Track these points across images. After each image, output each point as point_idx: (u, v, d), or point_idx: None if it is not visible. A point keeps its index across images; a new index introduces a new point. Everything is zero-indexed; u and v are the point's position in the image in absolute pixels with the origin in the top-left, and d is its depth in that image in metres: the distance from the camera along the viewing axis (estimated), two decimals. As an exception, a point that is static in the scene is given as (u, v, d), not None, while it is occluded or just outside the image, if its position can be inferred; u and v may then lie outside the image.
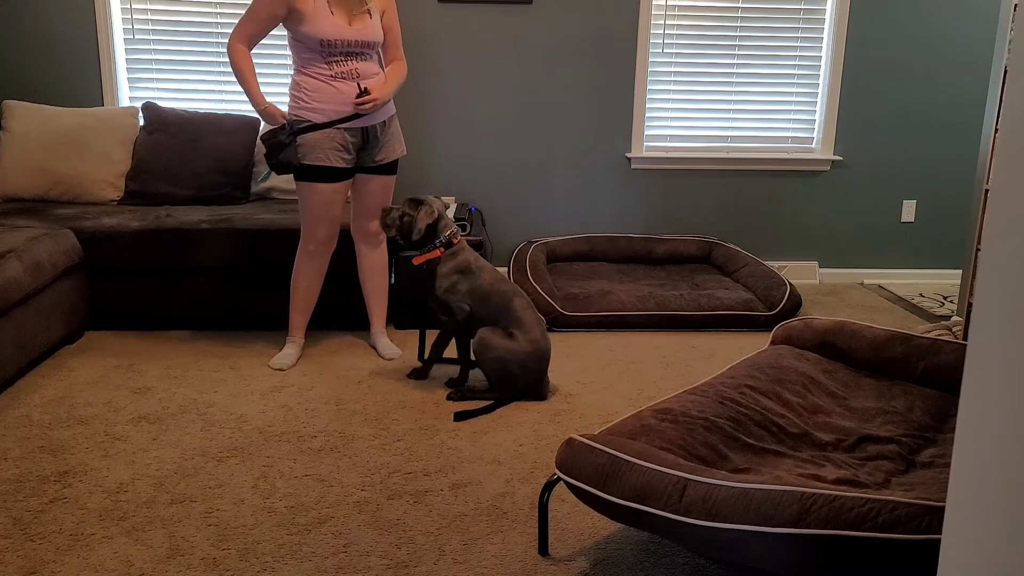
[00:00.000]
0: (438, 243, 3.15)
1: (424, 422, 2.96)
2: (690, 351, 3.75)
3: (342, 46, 3.17)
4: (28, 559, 2.13)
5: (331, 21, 3.13)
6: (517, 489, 2.52)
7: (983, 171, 3.69)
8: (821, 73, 4.81)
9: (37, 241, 3.36)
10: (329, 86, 3.19)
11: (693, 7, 4.66)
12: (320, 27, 3.11)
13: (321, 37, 3.12)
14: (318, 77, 3.18)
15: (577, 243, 4.72)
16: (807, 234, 4.97)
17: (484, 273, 3.16)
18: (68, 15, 4.38)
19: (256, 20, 3.17)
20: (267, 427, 2.90)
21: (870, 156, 4.89)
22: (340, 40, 3.15)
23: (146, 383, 3.25)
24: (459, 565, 2.14)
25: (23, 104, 4.21)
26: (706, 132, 4.85)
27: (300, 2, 3.09)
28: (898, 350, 2.71)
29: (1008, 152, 0.92)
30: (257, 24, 3.18)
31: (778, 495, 1.76)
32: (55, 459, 2.64)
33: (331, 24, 3.13)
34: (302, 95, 3.20)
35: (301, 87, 3.21)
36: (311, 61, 3.18)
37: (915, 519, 1.68)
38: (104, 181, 4.13)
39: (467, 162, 4.73)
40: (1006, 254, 0.92)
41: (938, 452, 2.25)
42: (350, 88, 3.20)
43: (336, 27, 3.14)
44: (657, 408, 2.29)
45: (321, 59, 3.17)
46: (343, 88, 3.20)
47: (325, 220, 3.34)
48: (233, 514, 2.36)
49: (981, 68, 4.75)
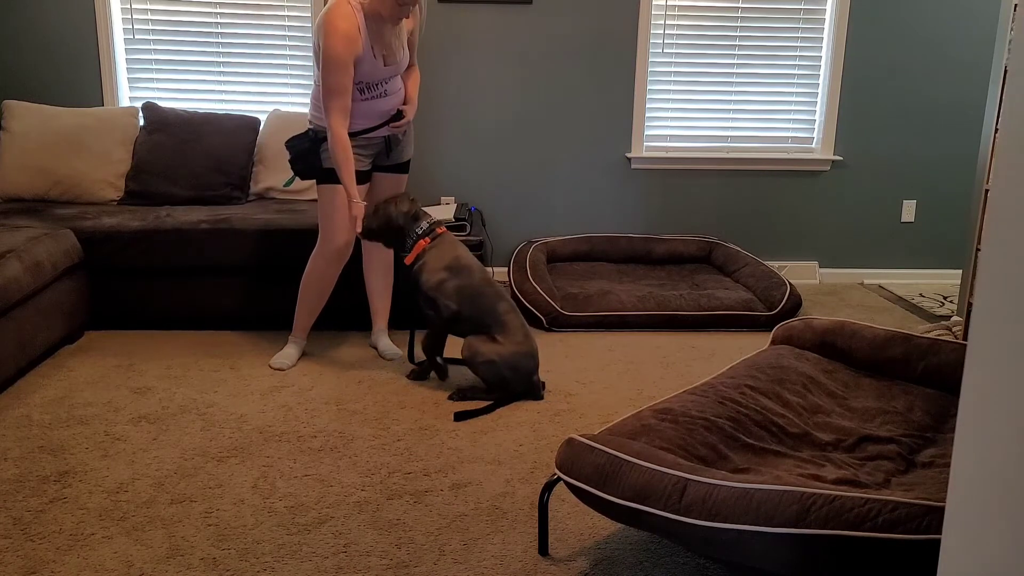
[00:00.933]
0: (420, 233, 3.17)
1: (424, 422, 2.96)
2: (690, 351, 3.75)
3: (377, 83, 3.21)
4: (28, 559, 2.13)
5: (373, 65, 3.15)
6: (517, 489, 2.52)
7: (983, 171, 3.69)
8: (821, 73, 4.81)
9: (37, 241, 3.36)
10: (357, 105, 3.19)
11: (693, 7, 4.66)
12: (362, 73, 3.14)
13: (361, 80, 3.15)
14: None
15: (577, 243, 4.72)
16: (807, 234, 4.97)
17: (474, 272, 3.16)
18: (68, 15, 4.38)
19: (344, 92, 3.08)
20: (267, 427, 2.90)
21: (870, 156, 4.89)
22: (376, 81, 3.19)
23: (146, 383, 3.25)
24: (459, 565, 2.14)
25: (23, 104, 4.21)
26: (706, 132, 4.85)
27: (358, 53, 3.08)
28: (898, 350, 2.71)
29: (1008, 152, 0.92)
30: (344, 91, 3.08)
31: (778, 495, 1.76)
32: (55, 459, 2.64)
33: (372, 68, 3.15)
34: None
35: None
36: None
37: (915, 519, 1.68)
38: (104, 181, 4.13)
39: (467, 162, 4.73)
40: (1006, 254, 0.92)
41: (938, 452, 2.25)
42: (378, 104, 3.23)
43: (376, 69, 3.16)
44: (657, 408, 2.29)
45: (355, 88, 3.17)
46: (374, 104, 3.23)
47: (345, 225, 3.32)
48: (233, 514, 2.36)
49: (981, 68, 4.75)
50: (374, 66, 3.15)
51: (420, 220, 3.22)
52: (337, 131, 3.10)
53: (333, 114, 3.09)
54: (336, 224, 3.32)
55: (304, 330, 3.53)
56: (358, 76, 3.14)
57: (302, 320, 3.50)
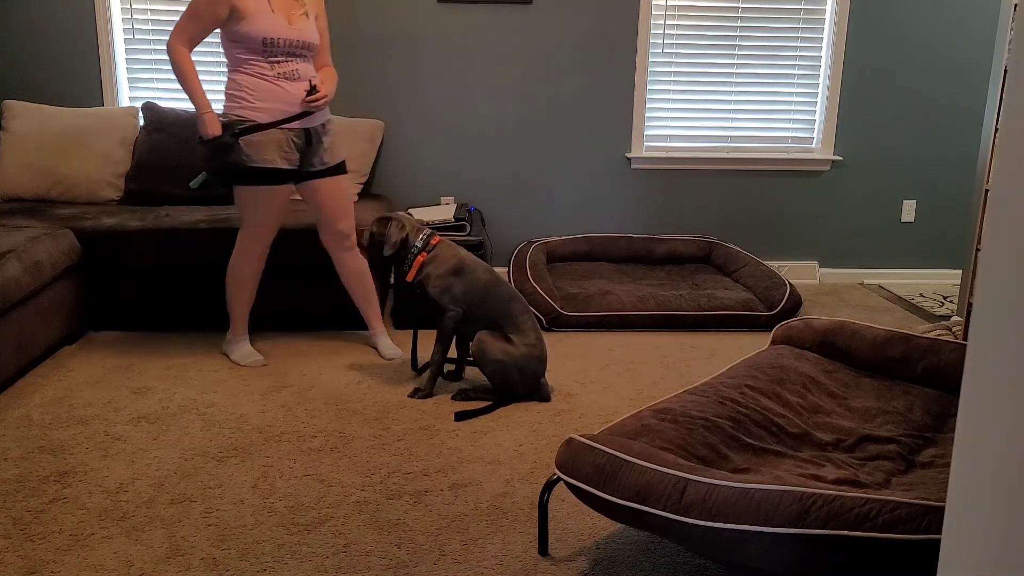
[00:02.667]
0: (416, 251, 3.14)
1: (424, 422, 2.96)
2: (690, 351, 3.75)
3: (284, 45, 3.15)
4: (28, 559, 2.13)
5: (273, 19, 3.11)
6: (517, 489, 2.52)
7: (983, 171, 3.69)
8: (821, 73, 4.81)
9: (37, 241, 3.36)
10: (274, 85, 3.16)
11: (693, 7, 4.66)
12: (263, 25, 3.09)
13: (264, 36, 3.09)
14: (261, 76, 3.14)
15: (577, 243, 4.72)
16: (807, 234, 4.97)
17: (479, 272, 3.14)
18: (68, 15, 4.38)
19: (198, 21, 3.08)
20: (267, 427, 2.90)
21: (870, 156, 4.89)
22: (283, 39, 3.13)
23: (146, 383, 3.25)
24: (459, 565, 2.14)
25: (23, 104, 4.21)
26: (706, 132, 4.85)
27: (242, 0, 3.05)
28: (898, 350, 2.71)
29: (1008, 152, 0.92)
30: (199, 25, 3.09)
31: (778, 495, 1.76)
32: (55, 459, 2.64)
33: (273, 22, 3.11)
34: (244, 94, 3.15)
35: (243, 86, 3.15)
36: (251, 61, 3.13)
37: (915, 519, 1.68)
38: (104, 181, 4.13)
39: (467, 162, 4.73)
40: (1006, 254, 0.92)
41: (938, 452, 2.25)
42: (293, 87, 3.19)
43: (278, 25, 3.12)
44: (657, 408, 2.28)
45: (263, 59, 3.13)
46: (287, 87, 3.18)
47: (271, 224, 3.32)
48: (233, 514, 2.36)
49: (981, 68, 4.75)
50: (274, 21, 3.10)
51: (413, 240, 3.16)
52: (175, 47, 3.09)
53: (179, 35, 3.09)
54: (262, 222, 3.30)
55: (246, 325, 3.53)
56: (258, 30, 3.08)
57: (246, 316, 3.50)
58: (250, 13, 3.07)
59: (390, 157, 4.69)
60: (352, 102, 4.57)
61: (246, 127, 3.13)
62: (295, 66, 3.20)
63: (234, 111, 3.16)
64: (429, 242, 3.15)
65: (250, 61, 3.13)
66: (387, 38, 4.54)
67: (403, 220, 3.17)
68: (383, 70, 4.58)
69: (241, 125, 3.13)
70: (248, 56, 3.13)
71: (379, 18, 4.51)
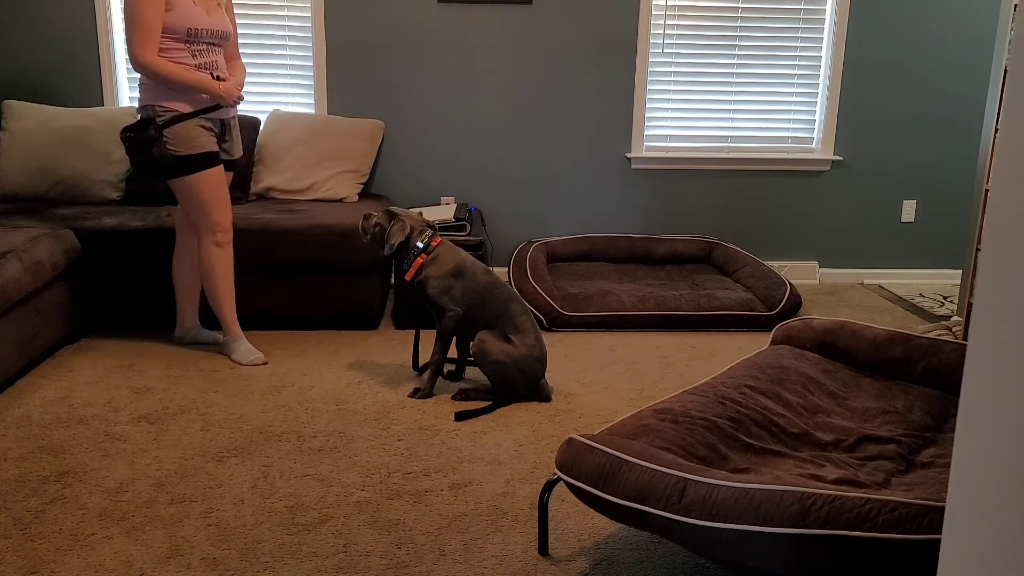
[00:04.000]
0: (416, 251, 3.14)
1: (424, 422, 2.96)
2: (690, 351, 3.75)
3: (205, 35, 3.17)
4: (28, 559, 2.13)
5: (196, 10, 3.14)
6: (517, 489, 2.52)
7: (983, 171, 3.69)
8: (821, 73, 4.81)
9: (37, 241, 3.36)
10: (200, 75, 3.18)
11: (693, 7, 4.66)
12: (188, 15, 3.11)
13: (190, 25, 3.11)
14: (184, 66, 3.15)
15: (577, 243, 4.72)
16: (807, 234, 4.97)
17: (478, 274, 3.15)
18: (68, 15, 4.38)
19: (151, 28, 3.06)
20: (267, 427, 2.90)
21: (870, 156, 4.89)
22: (205, 29, 3.16)
23: (146, 383, 3.25)
24: (459, 565, 2.14)
25: (23, 104, 4.21)
26: (706, 132, 4.85)
27: None
28: (898, 350, 2.71)
29: (1008, 152, 0.92)
30: (153, 29, 3.06)
31: (778, 495, 1.76)
32: (55, 459, 2.64)
33: (196, 12, 3.13)
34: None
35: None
36: (173, 50, 3.13)
37: (915, 519, 1.68)
38: (104, 181, 4.13)
39: (467, 162, 4.73)
40: (1006, 254, 0.92)
41: (938, 452, 2.25)
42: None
43: (201, 15, 3.15)
44: (657, 408, 2.28)
45: (185, 49, 3.15)
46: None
47: (226, 204, 3.31)
48: (233, 514, 2.36)
49: (981, 68, 4.75)
50: (194, 12, 3.12)
51: (414, 241, 3.15)
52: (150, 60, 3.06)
53: (147, 48, 3.04)
54: (218, 206, 3.28)
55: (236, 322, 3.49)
56: (181, 20, 3.09)
57: (233, 313, 3.46)
58: (176, 4, 3.09)
59: (390, 157, 4.69)
60: (352, 102, 4.57)
61: (168, 118, 3.13)
62: (215, 57, 3.24)
63: (155, 101, 3.14)
64: (430, 244, 3.15)
65: (171, 50, 3.13)
66: (387, 38, 4.54)
67: (407, 221, 3.17)
68: (383, 70, 4.58)
69: (162, 117, 3.13)
70: (169, 45, 3.12)
71: (379, 18, 4.51)
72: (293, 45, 4.55)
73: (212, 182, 3.25)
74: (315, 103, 4.60)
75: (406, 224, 3.15)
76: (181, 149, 3.16)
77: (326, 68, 4.53)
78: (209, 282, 3.41)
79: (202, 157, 3.20)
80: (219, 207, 3.30)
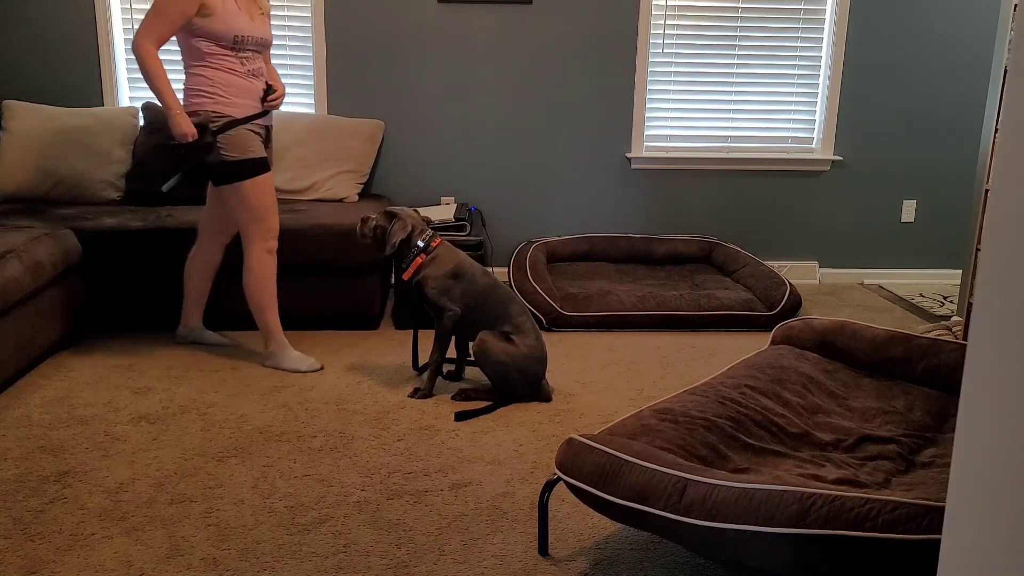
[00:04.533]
0: (416, 251, 3.13)
1: (424, 422, 2.96)
2: (690, 351, 3.75)
3: (251, 42, 3.17)
4: (28, 559, 2.13)
5: (241, 16, 3.12)
6: (517, 489, 2.52)
7: (983, 171, 3.69)
8: (821, 73, 4.81)
9: (37, 241, 3.36)
10: (246, 81, 3.18)
11: (693, 7, 4.66)
12: (233, 22, 3.09)
13: (236, 32, 3.10)
14: (233, 72, 3.14)
15: (577, 243, 4.72)
16: (807, 234, 4.97)
17: (477, 276, 3.15)
18: (68, 15, 4.38)
19: (167, 19, 3.02)
20: (267, 427, 2.90)
21: (870, 156, 4.89)
22: (250, 36, 3.15)
23: (146, 383, 3.25)
24: (459, 565, 2.14)
25: (23, 104, 4.21)
26: (706, 132, 4.85)
27: None
28: (898, 350, 2.71)
29: (1008, 152, 0.92)
30: (168, 24, 3.03)
31: (778, 495, 1.76)
32: (55, 459, 2.64)
33: (241, 19, 3.12)
34: (217, 90, 3.13)
35: (215, 82, 3.12)
36: (220, 56, 3.11)
37: (915, 519, 1.68)
38: (104, 181, 4.13)
39: (467, 162, 4.73)
40: (1006, 254, 0.92)
41: (938, 452, 2.25)
42: (258, 84, 3.23)
43: (246, 22, 3.14)
44: (657, 408, 2.28)
45: (233, 55, 3.13)
46: (255, 84, 3.21)
47: (275, 209, 3.31)
48: (233, 514, 2.36)
49: (981, 68, 4.75)
50: (239, 16, 3.11)
51: (415, 240, 3.15)
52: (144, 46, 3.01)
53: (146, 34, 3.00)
54: (269, 212, 3.27)
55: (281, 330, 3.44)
56: (226, 27, 3.07)
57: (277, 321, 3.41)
58: (219, 10, 3.07)
59: (390, 157, 4.69)
60: (352, 102, 4.57)
61: (222, 124, 3.12)
62: (260, 64, 3.24)
63: (206, 107, 3.13)
64: (430, 244, 3.15)
65: (219, 56, 3.11)
66: (387, 38, 4.54)
67: (407, 219, 3.17)
68: (383, 70, 4.58)
69: (216, 123, 3.11)
70: (216, 51, 3.11)
71: (379, 18, 4.51)
72: (293, 45, 4.55)
73: (266, 187, 3.24)
74: (315, 103, 4.60)
75: (407, 223, 3.15)
76: (235, 154, 3.15)
77: (326, 68, 4.53)
78: (262, 290, 3.33)
79: (256, 163, 3.20)
80: (272, 213, 3.28)
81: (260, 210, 3.25)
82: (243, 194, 3.22)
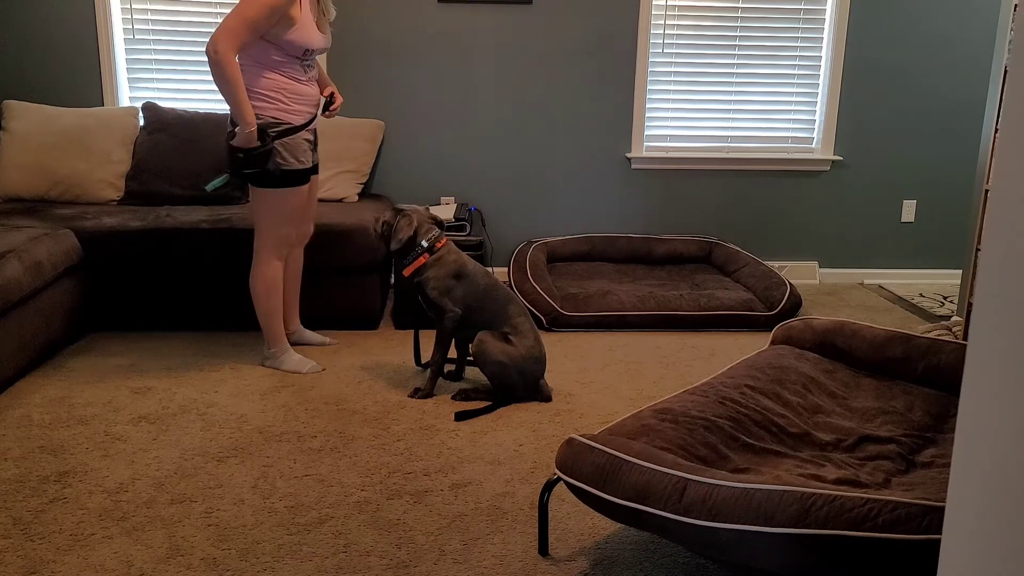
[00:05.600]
0: (420, 250, 3.14)
1: (424, 422, 2.96)
2: (690, 351, 3.75)
3: (315, 54, 3.22)
4: (28, 559, 2.13)
5: (314, 29, 3.14)
6: (517, 489, 2.52)
7: (983, 171, 3.69)
8: (821, 73, 4.81)
9: (37, 241, 3.36)
10: (306, 87, 3.20)
11: (693, 7, 4.66)
12: (309, 36, 3.11)
13: (308, 46, 3.12)
14: (297, 80, 3.16)
15: (577, 243, 4.72)
16: (807, 234, 4.97)
17: (478, 277, 3.16)
18: (68, 15, 4.38)
19: (254, 30, 2.99)
20: (267, 427, 2.90)
21: (870, 156, 4.89)
22: (317, 48, 3.19)
23: (146, 383, 3.25)
24: (459, 565, 2.14)
25: (23, 104, 4.21)
26: (706, 132, 4.85)
27: (293, 9, 3.03)
28: (898, 350, 2.71)
29: (1008, 152, 0.92)
30: (254, 34, 3.00)
31: (778, 495, 1.76)
32: (55, 459, 2.64)
33: (314, 32, 3.14)
34: (281, 96, 3.13)
35: (280, 89, 3.12)
36: (287, 64, 3.12)
37: (915, 519, 1.68)
38: (104, 181, 4.13)
39: (467, 162, 4.73)
40: (1006, 254, 0.92)
41: (938, 452, 2.25)
42: (315, 90, 3.27)
43: (317, 35, 3.16)
44: (657, 408, 2.29)
45: (299, 63, 3.15)
46: (314, 89, 3.26)
47: (297, 220, 3.34)
48: (233, 514, 2.36)
49: (981, 68, 4.75)
50: (313, 32, 3.13)
51: (420, 238, 3.16)
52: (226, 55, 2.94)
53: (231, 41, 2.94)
54: (291, 222, 3.30)
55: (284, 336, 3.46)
56: (302, 40, 3.09)
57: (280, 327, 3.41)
58: (299, 22, 3.07)
59: (390, 157, 4.69)
60: (352, 102, 4.57)
61: (281, 130, 3.14)
62: (315, 71, 3.29)
63: (268, 113, 3.12)
64: (435, 245, 3.16)
65: (286, 64, 3.13)
66: (387, 38, 4.54)
67: (414, 218, 3.18)
68: (383, 70, 4.58)
69: (275, 128, 3.13)
70: (284, 59, 3.12)
71: (379, 18, 4.52)
72: (293, 45, 4.55)
73: (298, 198, 3.27)
74: (315, 103, 4.59)
75: (412, 220, 3.16)
76: (288, 162, 3.17)
77: (326, 68, 4.53)
78: (269, 296, 3.33)
79: (301, 173, 3.22)
80: (291, 224, 3.30)
81: (283, 220, 3.27)
82: (277, 201, 3.22)
